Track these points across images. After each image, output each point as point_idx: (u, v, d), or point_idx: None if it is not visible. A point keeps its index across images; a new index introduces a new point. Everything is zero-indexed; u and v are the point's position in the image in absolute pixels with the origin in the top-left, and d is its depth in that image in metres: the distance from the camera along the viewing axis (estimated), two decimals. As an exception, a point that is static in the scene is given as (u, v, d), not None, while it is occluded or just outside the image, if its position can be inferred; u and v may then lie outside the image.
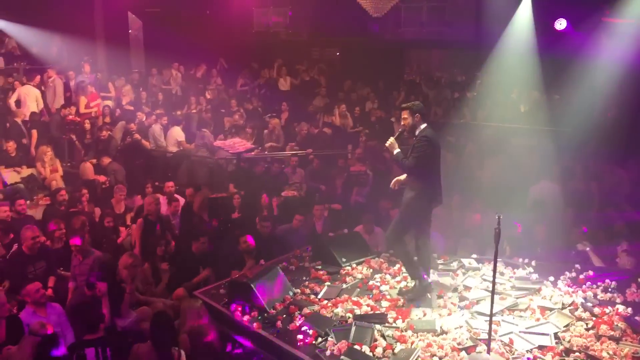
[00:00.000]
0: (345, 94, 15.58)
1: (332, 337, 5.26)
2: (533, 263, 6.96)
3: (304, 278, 6.72)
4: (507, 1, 12.39)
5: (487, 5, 12.73)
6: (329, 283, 6.55)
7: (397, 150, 6.12)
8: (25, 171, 10.59)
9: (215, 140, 12.12)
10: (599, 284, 6.37)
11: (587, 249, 7.41)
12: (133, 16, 17.87)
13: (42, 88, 13.65)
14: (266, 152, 12.41)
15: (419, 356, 4.97)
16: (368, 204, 9.77)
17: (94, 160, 11.04)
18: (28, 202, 8.72)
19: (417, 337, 5.29)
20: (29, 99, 12.74)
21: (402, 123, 6.15)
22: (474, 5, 14.81)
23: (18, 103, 12.64)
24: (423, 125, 6.04)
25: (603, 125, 10.40)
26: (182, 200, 9.41)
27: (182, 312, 6.21)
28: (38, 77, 13.67)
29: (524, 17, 12.25)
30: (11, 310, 5.92)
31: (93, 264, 7.16)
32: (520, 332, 5.37)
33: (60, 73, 14.14)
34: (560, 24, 11.94)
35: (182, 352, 5.17)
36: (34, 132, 11.67)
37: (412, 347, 5.13)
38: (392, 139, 6.16)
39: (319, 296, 6.21)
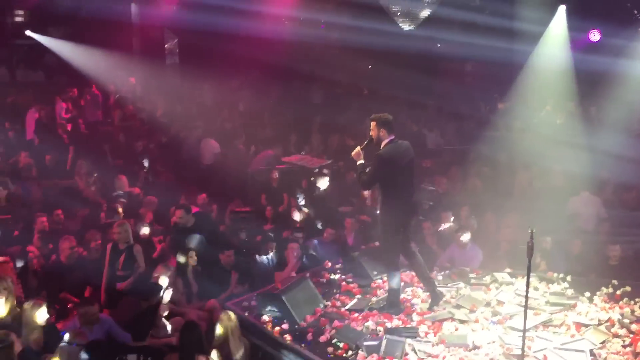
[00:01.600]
0: (377, 106, 15.51)
1: (362, 350, 5.25)
2: (568, 278, 6.84)
3: (335, 290, 6.73)
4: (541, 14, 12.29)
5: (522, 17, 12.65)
6: (359, 296, 6.54)
7: (360, 162, 5.99)
8: (64, 183, 10.84)
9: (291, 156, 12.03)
10: (636, 300, 6.23)
11: None
12: (169, 32, 18.29)
13: (82, 102, 14.02)
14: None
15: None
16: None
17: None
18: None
19: (449, 351, 5.25)
20: (63, 112, 13.11)
21: (370, 133, 6.04)
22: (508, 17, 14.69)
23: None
24: (387, 140, 5.89)
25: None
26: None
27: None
28: (75, 90, 14.04)
29: (558, 28, 12.12)
30: (50, 320, 6.06)
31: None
32: (554, 348, 5.29)
33: (99, 87, 14.50)
34: (595, 36, 11.79)
35: None
36: (71, 146, 11.95)
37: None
38: (358, 148, 6.02)
39: (347, 307, 6.23)
